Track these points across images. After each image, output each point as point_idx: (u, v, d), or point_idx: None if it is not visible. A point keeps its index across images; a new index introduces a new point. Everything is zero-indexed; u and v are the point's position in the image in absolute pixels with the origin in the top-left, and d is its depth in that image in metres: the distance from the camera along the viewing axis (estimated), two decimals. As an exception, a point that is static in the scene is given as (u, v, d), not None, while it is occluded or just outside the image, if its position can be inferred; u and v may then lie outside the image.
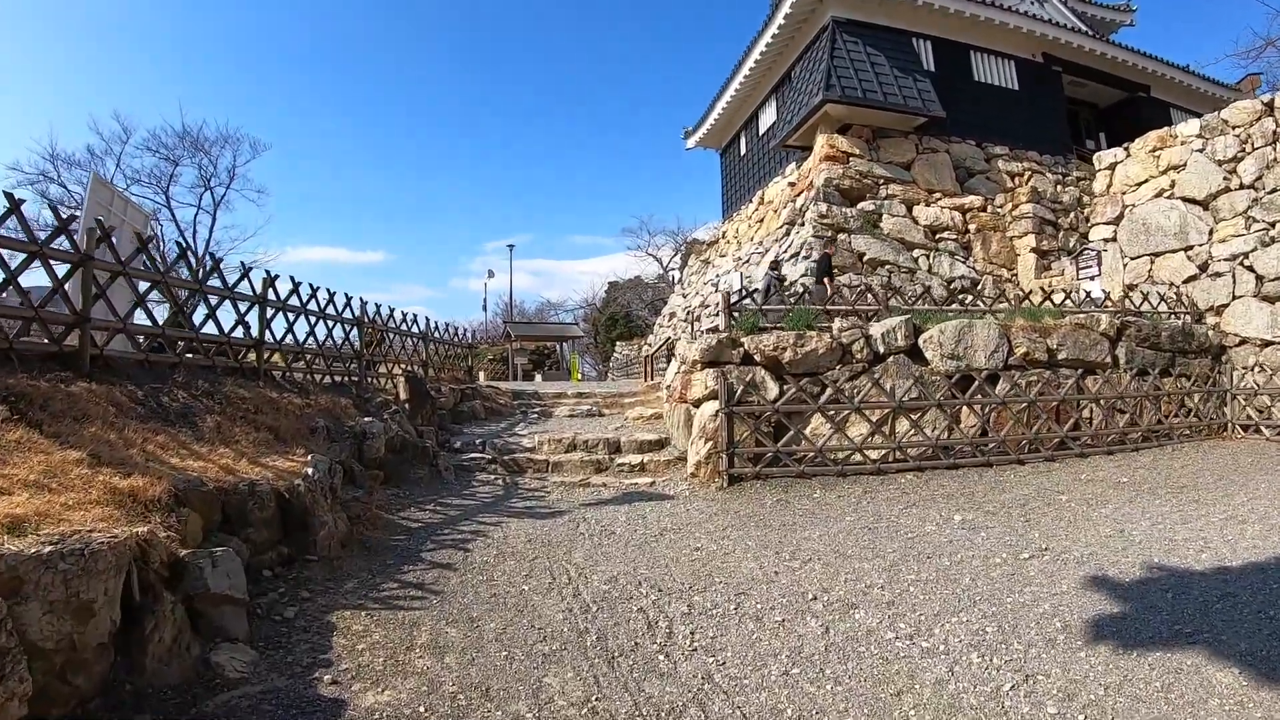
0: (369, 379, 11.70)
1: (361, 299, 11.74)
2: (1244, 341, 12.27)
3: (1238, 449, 10.55)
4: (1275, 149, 12.25)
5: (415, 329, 13.91)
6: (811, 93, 17.85)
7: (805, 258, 16.26)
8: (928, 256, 17.60)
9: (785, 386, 8.93)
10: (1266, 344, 11.99)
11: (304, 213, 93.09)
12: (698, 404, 9.16)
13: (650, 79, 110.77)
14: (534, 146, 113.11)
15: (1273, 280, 12.02)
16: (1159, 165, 14.15)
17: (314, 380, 10.07)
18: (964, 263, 17.68)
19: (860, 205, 17.71)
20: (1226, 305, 12.63)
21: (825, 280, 12.72)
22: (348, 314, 11.30)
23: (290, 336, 9.75)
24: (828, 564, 5.69)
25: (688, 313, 24.58)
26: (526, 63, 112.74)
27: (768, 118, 23.25)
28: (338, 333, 11.25)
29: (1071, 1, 22.65)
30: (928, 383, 9.49)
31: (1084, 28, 21.54)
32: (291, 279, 9.91)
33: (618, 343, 37.24)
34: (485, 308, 50.53)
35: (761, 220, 22.58)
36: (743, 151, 25.95)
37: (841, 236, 16.99)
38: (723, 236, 27.51)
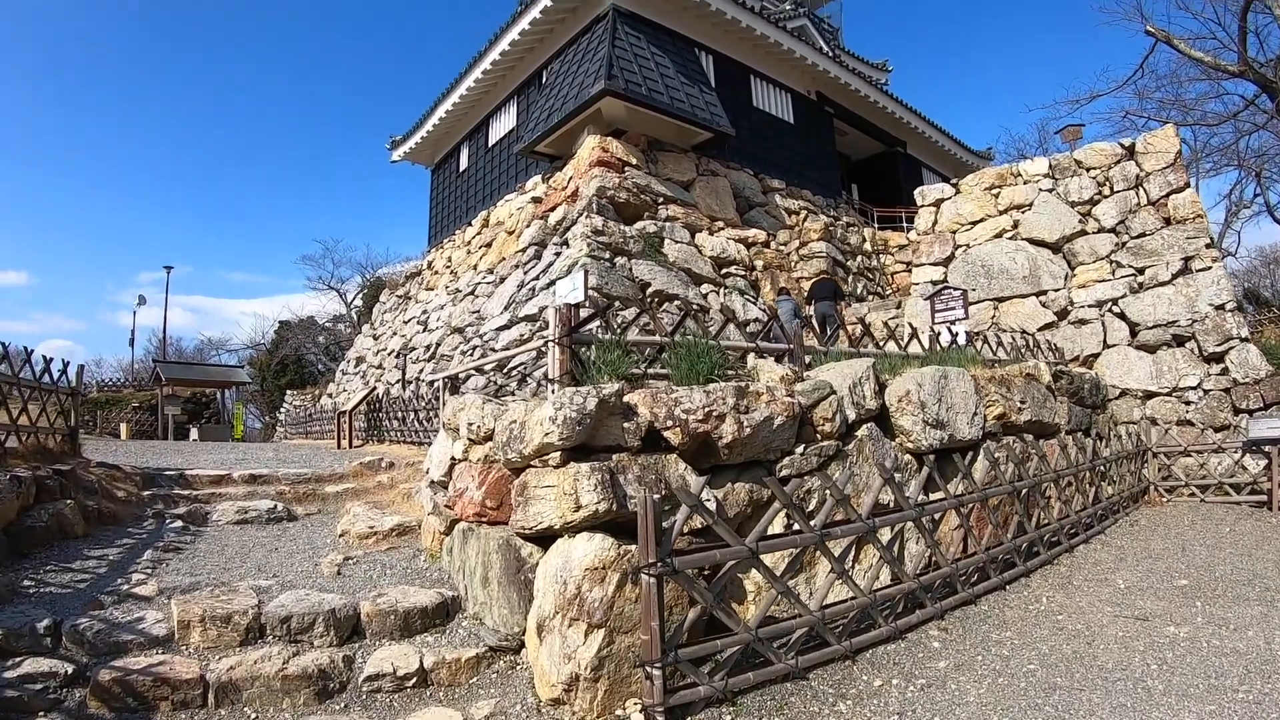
0: None
1: None
2: (1124, 393, 11.10)
3: (1192, 515, 9.32)
4: (1139, 193, 11.56)
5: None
6: (584, 84, 14.25)
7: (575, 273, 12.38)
8: (718, 293, 14.69)
9: (728, 491, 4.60)
10: (1150, 395, 10.92)
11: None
12: (544, 538, 4.42)
13: (349, 86, 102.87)
14: (201, 160, 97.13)
15: (1150, 328, 11.03)
16: (998, 204, 12.85)
17: None
18: (754, 303, 15.08)
19: (638, 225, 14.39)
20: (1097, 355, 11.43)
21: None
22: None
23: None
24: None
25: (389, 356, 19.94)
26: (211, 58, 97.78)
27: (504, 124, 19.40)
28: None
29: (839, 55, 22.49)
30: (904, 466, 5.87)
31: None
32: None
33: (288, 391, 31.68)
34: (133, 343, 40.28)
35: (489, 244, 18.52)
36: (463, 166, 21.76)
37: (620, 260, 13.37)
38: (428, 266, 23.00)
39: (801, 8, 22.11)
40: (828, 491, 4.75)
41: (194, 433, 25.23)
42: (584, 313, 5.78)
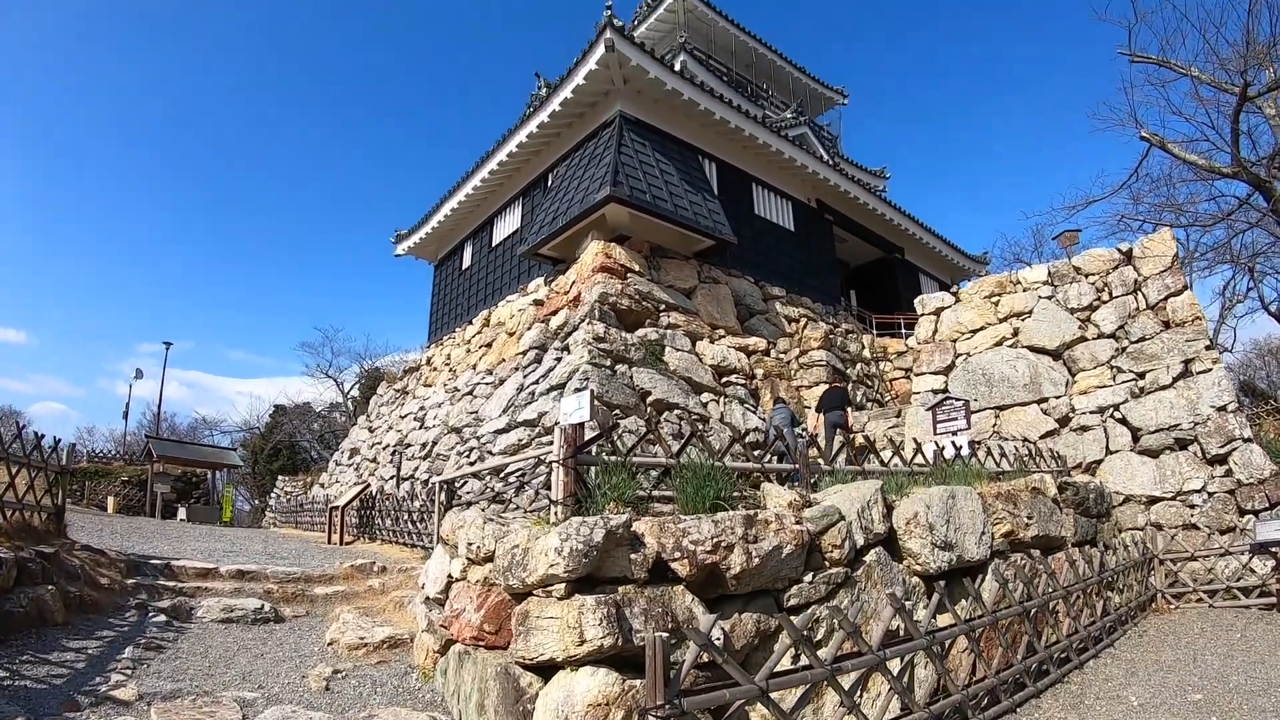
0: None
1: None
2: (1128, 500, 11.10)
3: (1201, 622, 9.24)
4: (1137, 297, 11.86)
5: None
6: (590, 189, 14.75)
7: (578, 390, 12.43)
8: (718, 402, 14.72)
9: (735, 621, 4.56)
10: (1154, 500, 10.93)
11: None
12: (545, 668, 4.36)
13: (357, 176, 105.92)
14: (207, 242, 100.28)
15: (1152, 433, 11.13)
16: (998, 312, 13.14)
17: None
18: (754, 412, 15.11)
19: (640, 332, 14.55)
20: (1100, 461, 11.48)
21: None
22: None
23: None
24: None
25: (383, 450, 19.87)
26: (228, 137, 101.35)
27: (508, 225, 19.96)
28: None
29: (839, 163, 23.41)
30: (912, 589, 5.84)
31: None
32: None
33: (280, 476, 32.01)
34: (127, 416, 41.86)
35: (489, 345, 18.70)
36: (466, 264, 22.28)
37: (621, 368, 13.47)
38: (427, 362, 23.21)
39: (802, 116, 23.15)
40: (837, 622, 4.71)
41: (182, 512, 25.13)
42: (589, 431, 5.84)
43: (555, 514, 5.30)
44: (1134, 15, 16.46)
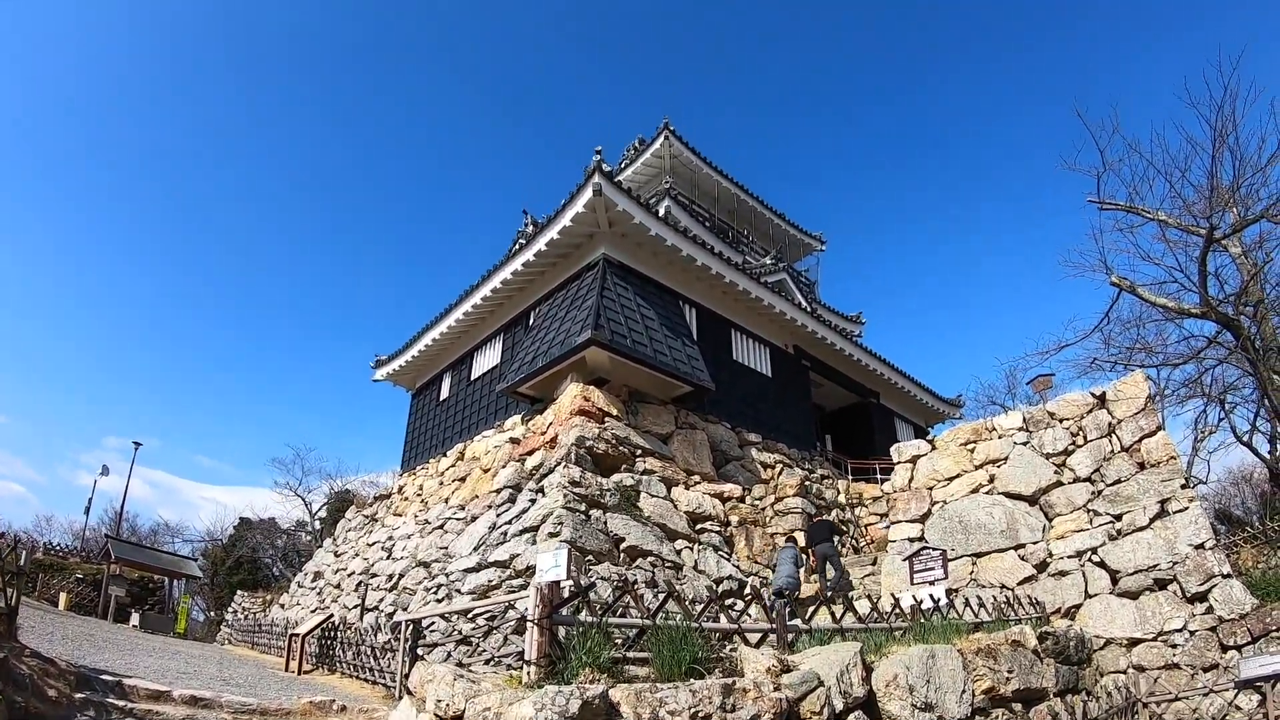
0: None
1: None
2: (1109, 643, 10.92)
3: None
4: (1112, 440, 12.10)
5: None
6: (571, 331, 15.18)
7: (553, 534, 12.35)
8: (691, 549, 14.64)
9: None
10: (1135, 642, 10.75)
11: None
12: None
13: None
14: (185, 343, 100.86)
15: (1131, 574, 11.11)
16: (974, 459, 13.39)
17: None
18: (729, 560, 14.99)
19: (615, 478, 14.62)
20: (1079, 606, 11.39)
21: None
22: None
23: None
24: None
25: (348, 576, 19.64)
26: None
27: (488, 359, 20.33)
28: None
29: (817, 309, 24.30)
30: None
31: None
32: None
33: (240, 591, 31.61)
34: (89, 510, 41.40)
35: (462, 479, 18.63)
36: (444, 395, 22.49)
37: (595, 513, 13.46)
38: (399, 490, 23.02)
39: (781, 262, 24.21)
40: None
41: (135, 618, 24.25)
42: (565, 588, 5.85)
43: (528, 674, 5.25)
44: (1102, 164, 17.23)
